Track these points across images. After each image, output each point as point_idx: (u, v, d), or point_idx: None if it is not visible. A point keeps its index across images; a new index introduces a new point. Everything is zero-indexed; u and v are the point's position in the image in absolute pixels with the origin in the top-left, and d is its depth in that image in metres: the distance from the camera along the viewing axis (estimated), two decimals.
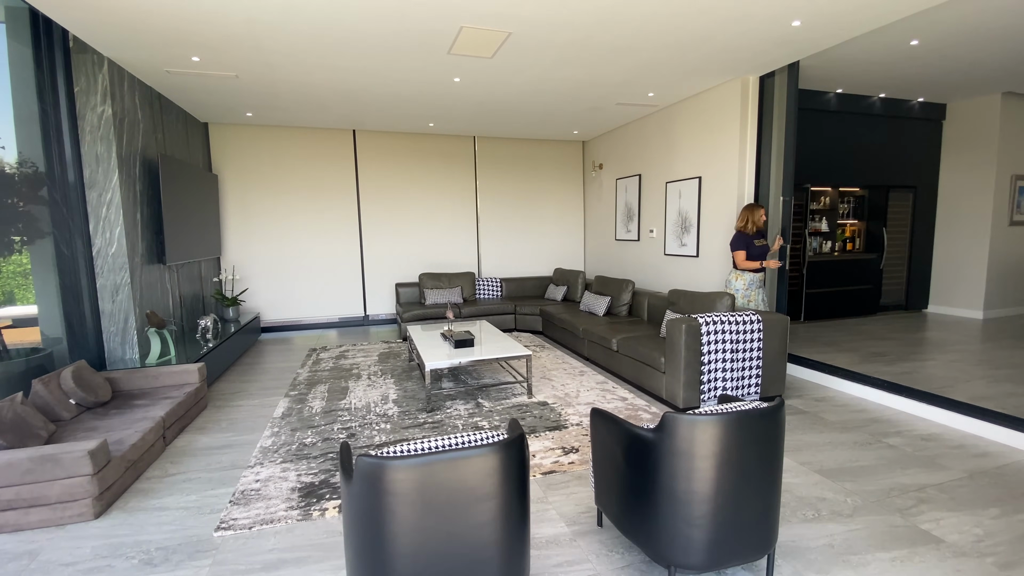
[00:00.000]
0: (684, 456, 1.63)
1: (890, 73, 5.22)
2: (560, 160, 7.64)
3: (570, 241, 7.86)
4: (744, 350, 3.62)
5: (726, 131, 4.82)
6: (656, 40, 3.69)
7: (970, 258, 6.50)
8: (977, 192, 6.39)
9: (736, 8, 3.19)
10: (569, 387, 4.15)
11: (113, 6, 3.00)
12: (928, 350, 4.88)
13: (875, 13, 3.28)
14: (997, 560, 1.96)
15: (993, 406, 3.25)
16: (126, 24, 3.24)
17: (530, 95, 5.10)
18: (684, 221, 5.47)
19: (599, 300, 5.48)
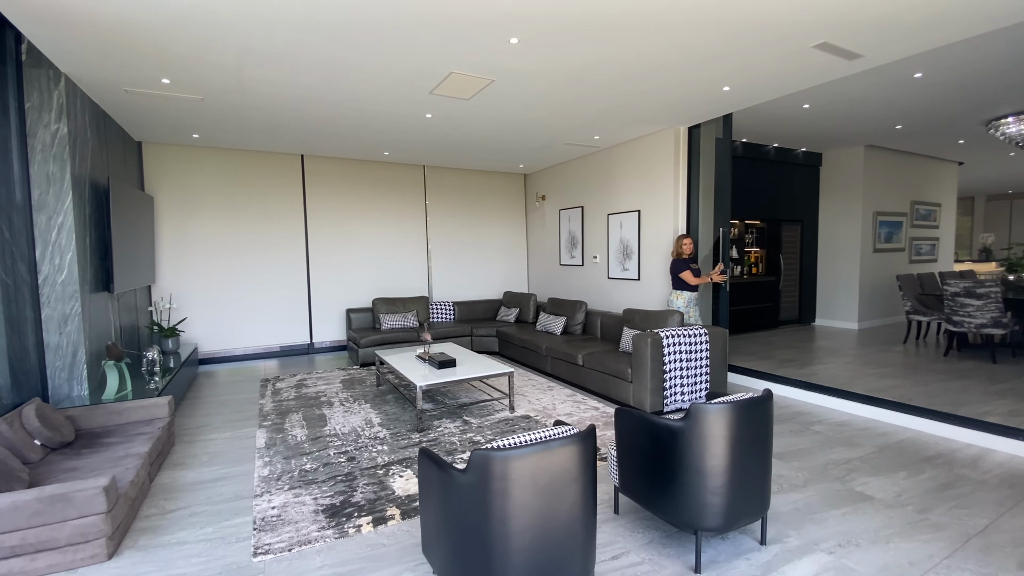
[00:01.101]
0: (708, 438, 2.02)
1: (783, 127, 6.35)
2: (504, 191, 8.10)
3: (514, 266, 8.28)
4: (696, 359, 4.19)
5: (662, 171, 5.55)
6: (613, 94, 4.27)
7: (846, 279, 7.89)
8: (848, 225, 7.82)
9: (681, 74, 3.84)
10: (543, 401, 4.46)
11: (97, 26, 2.92)
12: (824, 355, 5.88)
13: (785, 83, 4.11)
14: (915, 508, 2.57)
15: (884, 396, 4.10)
16: (100, 41, 3.13)
17: (492, 132, 5.49)
18: (626, 248, 6.11)
19: (555, 320, 5.90)
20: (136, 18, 2.84)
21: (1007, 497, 2.64)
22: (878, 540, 2.29)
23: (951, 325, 5.56)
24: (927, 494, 2.71)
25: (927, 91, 4.85)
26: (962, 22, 3.01)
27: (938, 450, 3.29)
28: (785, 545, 2.27)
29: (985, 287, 5.20)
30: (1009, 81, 4.61)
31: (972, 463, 3.08)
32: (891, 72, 4.25)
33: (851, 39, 3.29)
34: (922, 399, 4.05)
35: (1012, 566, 2.07)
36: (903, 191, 8.21)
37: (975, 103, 5.32)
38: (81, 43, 3.14)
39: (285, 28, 2.99)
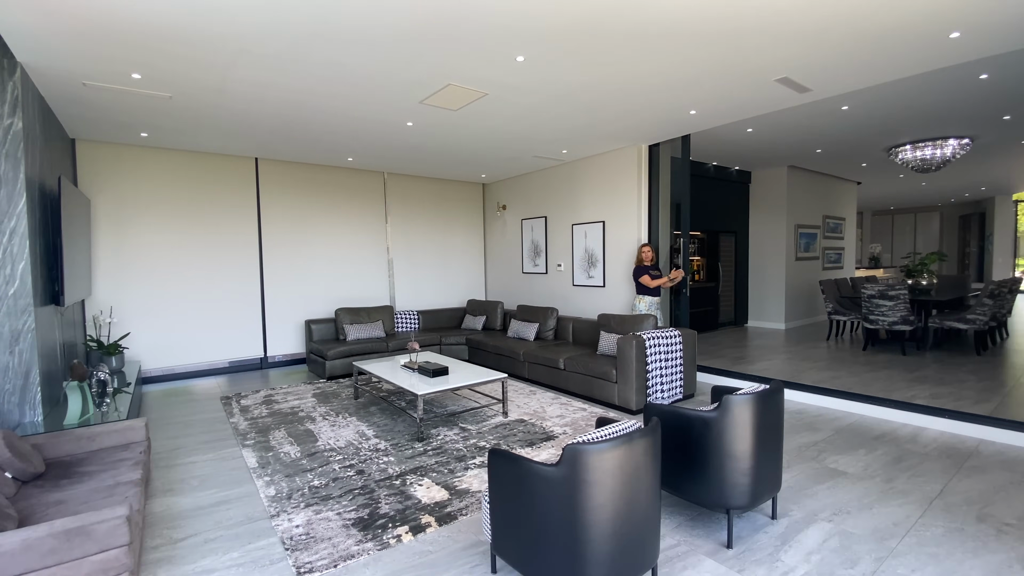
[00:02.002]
0: (738, 426, 2.26)
1: (723, 148, 7.01)
2: (464, 199, 8.16)
3: (473, 274, 8.34)
4: (672, 359, 4.53)
5: (625, 185, 5.93)
6: (594, 113, 4.54)
7: (773, 284, 8.78)
8: (774, 236, 8.73)
9: (658, 97, 4.18)
10: (531, 405, 4.58)
11: (81, 14, 2.68)
12: (767, 353, 6.53)
13: (744, 110, 4.60)
14: (881, 478, 2.99)
15: (828, 386, 4.67)
16: (76, 31, 2.86)
17: (468, 143, 5.57)
18: (591, 257, 6.42)
19: (528, 326, 6.06)
20: (133, 11, 2.64)
21: (949, 466, 3.15)
22: (863, 507, 2.65)
23: (868, 323, 6.41)
24: (887, 467, 3.16)
25: (849, 121, 5.62)
26: (892, 68, 3.59)
27: (882, 430, 3.82)
28: (792, 518, 2.56)
29: (896, 290, 6.08)
30: (910, 115, 5.46)
31: (912, 439, 3.62)
32: (825, 104, 4.90)
33: (807, 76, 3.78)
34: (860, 387, 4.66)
35: (972, 520, 2.50)
36: (817, 206, 9.31)
37: (882, 132, 6.22)
38: (54, 32, 2.85)
39: (293, 31, 2.92)
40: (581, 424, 4.00)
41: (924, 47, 3.27)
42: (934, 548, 2.27)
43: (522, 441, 3.66)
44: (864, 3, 2.72)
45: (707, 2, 2.67)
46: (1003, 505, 2.63)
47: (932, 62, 3.47)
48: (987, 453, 3.32)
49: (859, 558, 2.21)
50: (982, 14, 2.85)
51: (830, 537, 2.38)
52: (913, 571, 2.10)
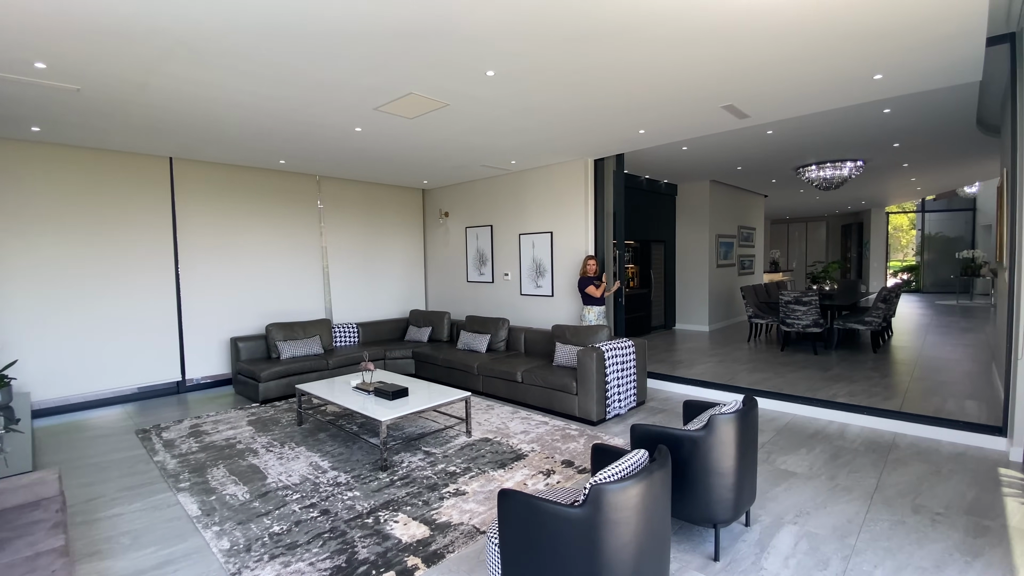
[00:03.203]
0: (724, 444, 2.36)
1: (656, 162, 7.39)
2: (403, 205, 7.88)
3: (414, 283, 8.08)
4: (627, 369, 4.68)
5: (572, 197, 6.04)
6: (550, 128, 4.57)
7: (698, 289, 9.42)
8: (698, 245, 9.37)
9: (613, 117, 4.30)
10: (492, 421, 4.51)
11: None
12: (701, 356, 6.97)
13: (688, 131, 4.87)
14: (826, 476, 3.29)
15: (762, 387, 5.07)
16: None
17: (416, 150, 5.37)
18: (539, 267, 6.48)
19: (479, 338, 5.97)
20: None
21: (877, 460, 3.53)
22: (818, 507, 2.89)
23: (784, 326, 7.07)
24: (827, 464, 3.48)
25: (770, 144, 6.16)
26: (822, 102, 3.97)
27: (815, 428, 4.21)
28: (762, 523, 2.73)
29: (808, 296, 6.76)
30: (821, 140, 6.10)
31: (840, 436, 4.02)
32: (754, 129, 5.33)
33: (748, 105, 4.08)
34: (788, 387, 5.11)
35: (909, 511, 2.81)
36: (733, 217, 10.13)
37: (794, 154, 6.89)
38: None
39: (245, 29, 2.62)
40: (548, 440, 4.00)
41: (851, 86, 3.65)
42: (886, 542, 2.52)
43: (492, 463, 3.58)
44: (805, 48, 2.98)
45: (677, 35, 2.78)
46: (929, 495, 2.99)
47: (855, 98, 3.89)
48: (903, 445, 3.78)
49: (829, 558, 2.40)
50: (903, 61, 3.23)
51: (800, 540, 2.56)
52: (875, 567, 2.32)
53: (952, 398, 4.57)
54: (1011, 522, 2.67)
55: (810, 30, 2.78)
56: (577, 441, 3.97)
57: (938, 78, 3.52)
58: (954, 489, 3.06)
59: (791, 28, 2.75)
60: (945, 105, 4.84)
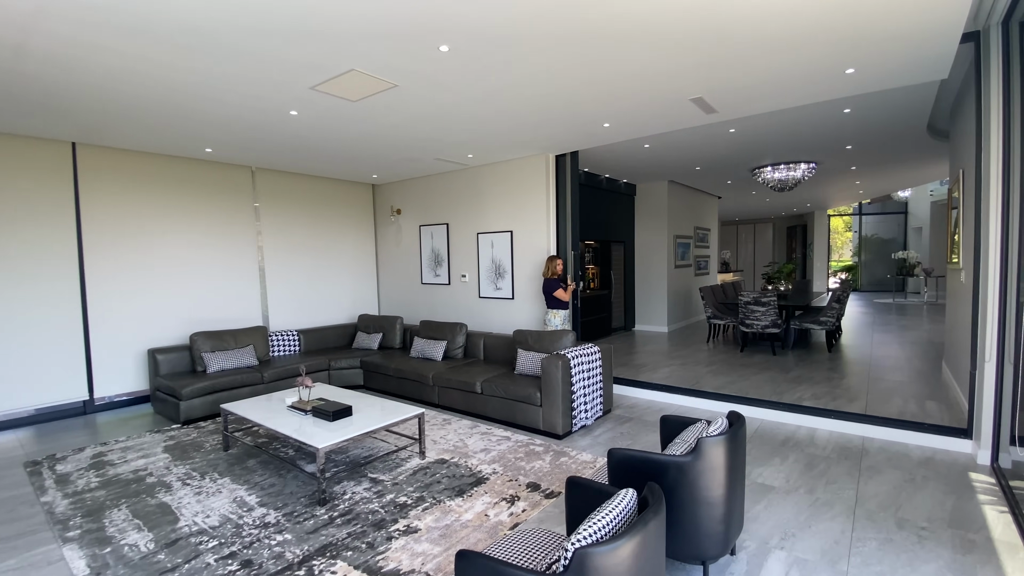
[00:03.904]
0: (714, 470, 2.08)
1: (617, 161, 7.20)
2: (351, 201, 7.32)
3: (364, 285, 7.53)
4: (593, 377, 4.40)
5: (533, 194, 5.73)
6: (511, 118, 4.22)
7: (657, 290, 9.35)
8: (657, 246, 9.30)
9: (578, 108, 4.01)
10: (448, 438, 4.10)
11: None
12: (663, 359, 6.83)
13: (655, 126, 4.65)
14: (804, 490, 3.11)
15: (728, 392, 4.94)
16: None
17: (362, 140, 4.88)
18: (498, 268, 6.12)
19: (435, 345, 5.54)
20: None
21: (851, 468, 3.40)
22: (803, 526, 2.69)
23: (744, 327, 7.05)
24: (803, 475, 3.32)
25: (732, 142, 6.07)
26: (792, 97, 3.83)
27: (785, 435, 4.07)
28: (748, 551, 2.49)
29: (767, 297, 6.75)
30: (780, 140, 6.07)
31: (811, 442, 3.90)
32: (718, 127, 5.20)
33: (717, 98, 3.88)
34: (754, 391, 5.01)
35: (893, 527, 2.65)
36: (689, 218, 10.16)
37: (752, 153, 6.88)
38: None
39: None
40: (510, 459, 3.64)
41: (823, 80, 3.52)
42: (878, 566, 2.33)
43: (450, 489, 3.19)
44: (779, 38, 2.78)
45: (651, 20, 2.50)
46: (909, 507, 2.86)
47: (825, 93, 3.77)
48: (873, 451, 3.69)
49: None
50: (877, 54, 3.10)
51: (790, 568, 2.33)
52: None
53: (912, 399, 4.58)
54: (995, 534, 2.56)
55: (784, 20, 2.57)
56: (543, 458, 3.63)
57: (908, 75, 3.44)
58: (932, 498, 2.95)
59: (765, 18, 2.53)
60: (901, 107, 4.87)
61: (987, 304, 3.31)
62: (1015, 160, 3.11)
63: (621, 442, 4.00)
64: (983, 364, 3.36)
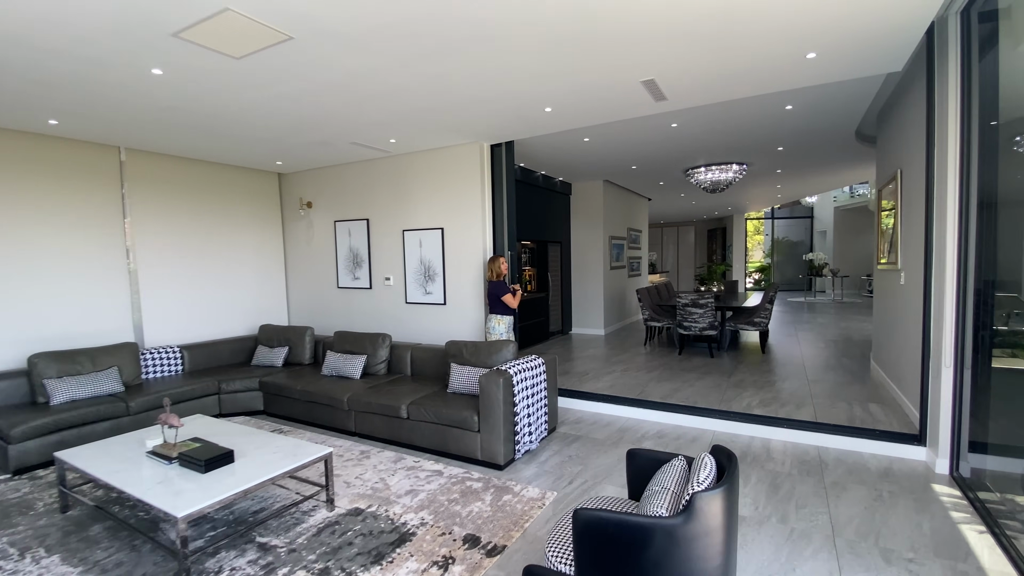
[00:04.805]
0: (711, 533, 1.60)
1: (553, 157, 6.78)
2: (253, 192, 6.28)
3: (271, 291, 6.51)
4: (538, 392, 3.87)
5: (468, 188, 5.13)
6: (439, 92, 3.59)
7: (593, 292, 9.09)
8: (593, 247, 9.03)
9: (511, 85, 3.47)
10: (366, 477, 3.38)
11: None
12: (604, 365, 6.47)
13: (601, 113, 4.22)
14: (776, 518, 2.77)
15: (674, 400, 4.63)
16: None
17: (251, 114, 4.01)
18: (428, 270, 5.44)
19: (352, 360, 4.75)
20: None
21: (816, 486, 3.13)
22: (786, 570, 2.32)
23: (682, 329, 6.89)
24: (770, 499, 2.99)
25: (672, 138, 5.83)
26: (750, 85, 3.54)
27: (740, 448, 3.78)
28: None
29: (705, 299, 6.63)
30: (715, 137, 5.91)
31: (768, 456, 3.63)
32: (662, 119, 4.90)
33: (669, 83, 3.51)
34: (701, 398, 4.74)
35: (880, 561, 2.35)
36: (623, 219, 10.03)
37: (688, 152, 6.73)
38: None
39: None
40: (443, 502, 3.01)
41: (782, 66, 3.24)
42: None
43: (364, 554, 2.49)
44: (739, 15, 2.42)
45: None
46: (888, 534, 2.59)
47: (786, 81, 3.51)
48: (831, 463, 3.47)
49: None
50: (838, 37, 2.84)
51: None
52: None
53: (856, 402, 4.51)
54: (984, 562, 2.32)
55: None
56: (482, 498, 3.03)
57: (867, 63, 3.24)
58: (907, 520, 2.71)
59: None
60: (838, 107, 4.82)
61: (944, 308, 3.17)
62: (974, 154, 2.97)
63: (571, 468, 3.50)
64: (940, 370, 3.22)
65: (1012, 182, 2.77)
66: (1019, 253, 2.76)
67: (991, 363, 2.92)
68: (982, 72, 2.92)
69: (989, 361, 2.93)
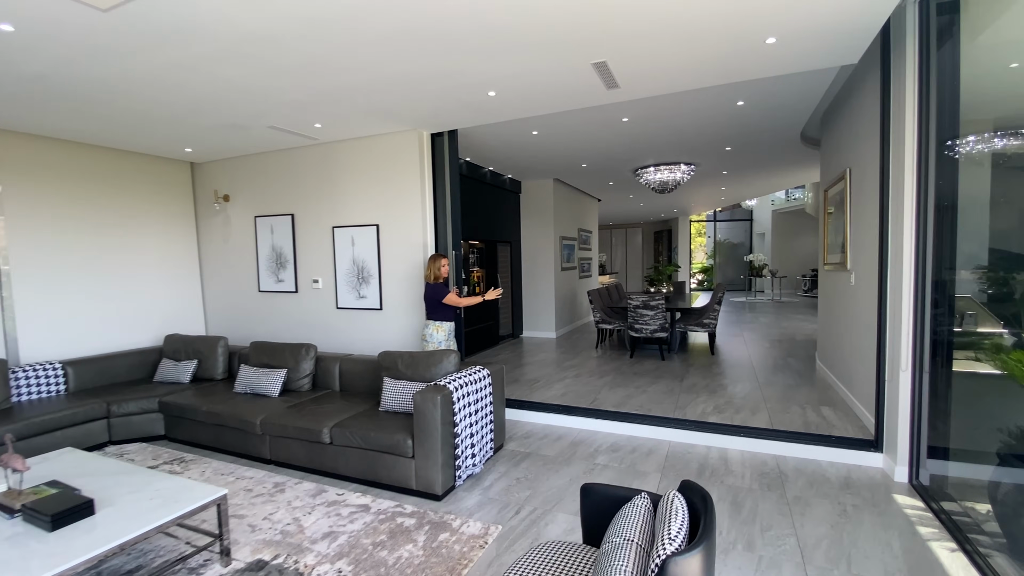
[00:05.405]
0: None
1: (502, 152, 6.43)
2: (159, 183, 5.50)
3: (184, 295, 5.74)
4: (483, 408, 3.48)
5: (406, 181, 4.66)
6: (365, 67, 3.13)
7: (544, 294, 8.81)
8: (543, 247, 8.75)
9: (448, 58, 3.07)
10: (278, 519, 2.86)
11: None
12: (555, 371, 6.16)
13: (551, 100, 3.89)
14: (742, 544, 2.51)
15: (626, 409, 4.38)
16: None
17: (140, 87, 3.37)
18: (362, 271, 4.92)
19: (269, 375, 4.16)
20: None
21: (778, 501, 2.92)
22: None
23: (633, 332, 6.71)
24: (734, 520, 2.75)
25: (621, 135, 5.61)
26: (708, 73, 3.31)
27: (697, 460, 3.55)
28: None
29: (656, 300, 6.47)
30: (664, 135, 5.74)
31: (726, 468, 3.41)
32: (612, 112, 4.65)
33: (622, 67, 3.23)
34: (655, 405, 4.51)
35: None
36: (574, 219, 9.83)
37: (638, 151, 6.56)
38: None
39: None
40: (367, 546, 2.54)
41: (742, 51, 3.01)
42: None
43: None
44: None
45: None
46: (859, 557, 2.39)
47: (745, 70, 3.30)
48: (790, 473, 3.29)
49: None
50: (798, 19, 2.64)
51: None
52: None
53: (808, 405, 4.42)
54: None
55: None
56: (414, 539, 2.60)
57: (826, 52, 3.08)
58: (875, 539, 2.53)
59: None
60: (785, 107, 4.75)
61: (900, 310, 3.05)
62: (931, 149, 2.86)
63: (518, 493, 3.12)
64: (896, 374, 3.11)
65: (972, 177, 2.67)
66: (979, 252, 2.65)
67: (951, 367, 2.81)
68: (940, 64, 2.81)
69: (949, 365, 2.82)
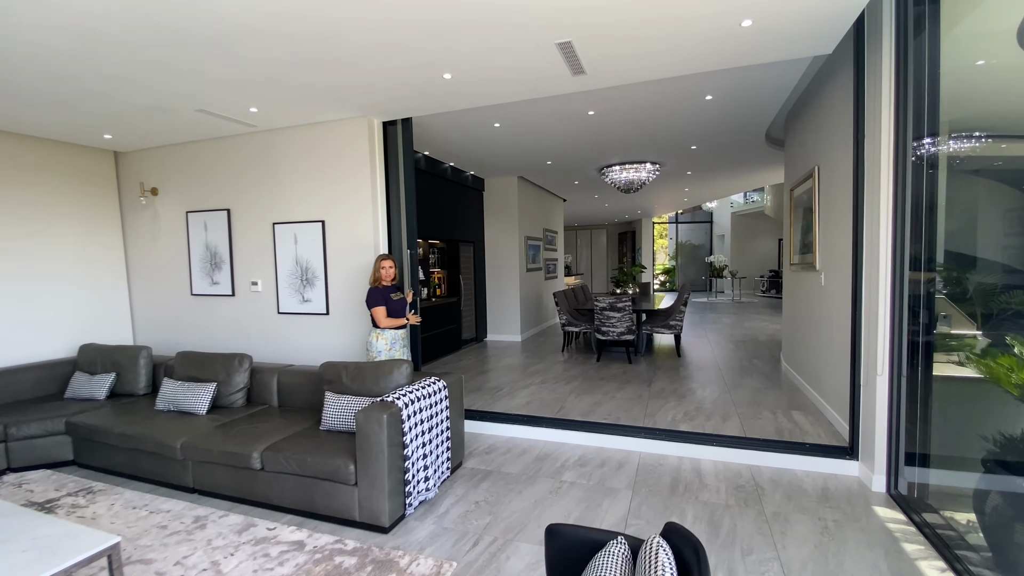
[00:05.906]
0: None
1: (464, 146, 6.09)
2: (78, 175, 4.88)
3: (106, 299, 5.11)
4: (438, 425, 3.14)
5: (355, 173, 4.26)
6: (305, 40, 2.74)
7: (509, 296, 8.51)
8: (508, 247, 8.46)
9: (398, 32, 2.74)
10: (192, 563, 2.43)
11: None
12: (520, 377, 5.86)
13: (514, 89, 3.59)
14: (723, 570, 2.28)
15: (595, 418, 4.14)
16: None
17: (29, 56, 2.87)
18: (306, 272, 4.49)
19: (196, 390, 3.68)
20: None
21: (757, 518, 2.72)
22: None
23: (599, 334, 6.51)
24: (711, 543, 2.52)
25: (587, 130, 5.37)
26: (680, 59, 3.10)
27: (670, 474, 3.33)
28: None
29: (623, 302, 6.28)
30: (630, 131, 5.54)
31: (700, 482, 3.20)
32: (576, 105, 4.42)
33: (589, 50, 2.97)
34: (624, 413, 4.29)
35: None
36: (539, 219, 9.59)
37: (603, 148, 6.36)
38: None
39: None
40: None
41: (717, 35, 2.81)
42: None
43: None
44: None
45: None
46: None
47: (720, 57, 3.10)
48: (767, 486, 3.11)
49: None
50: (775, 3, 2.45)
51: None
52: None
53: (779, 410, 4.29)
54: None
55: None
56: None
57: (801, 41, 2.91)
58: (862, 560, 2.35)
59: None
60: (752, 105, 4.63)
61: (877, 312, 2.92)
62: (908, 144, 2.73)
63: (477, 520, 2.80)
64: (873, 378, 2.97)
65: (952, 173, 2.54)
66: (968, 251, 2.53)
67: (931, 370, 2.68)
68: (916, 55, 2.68)
69: (929, 368, 2.69)
